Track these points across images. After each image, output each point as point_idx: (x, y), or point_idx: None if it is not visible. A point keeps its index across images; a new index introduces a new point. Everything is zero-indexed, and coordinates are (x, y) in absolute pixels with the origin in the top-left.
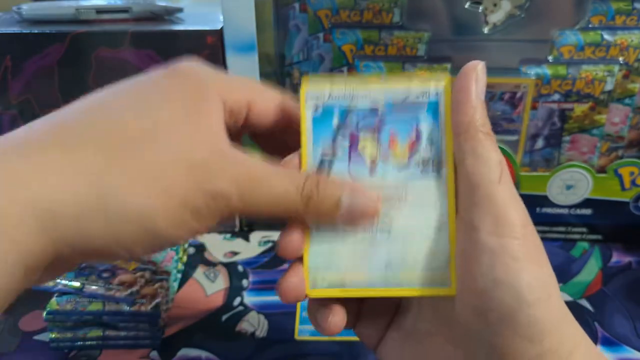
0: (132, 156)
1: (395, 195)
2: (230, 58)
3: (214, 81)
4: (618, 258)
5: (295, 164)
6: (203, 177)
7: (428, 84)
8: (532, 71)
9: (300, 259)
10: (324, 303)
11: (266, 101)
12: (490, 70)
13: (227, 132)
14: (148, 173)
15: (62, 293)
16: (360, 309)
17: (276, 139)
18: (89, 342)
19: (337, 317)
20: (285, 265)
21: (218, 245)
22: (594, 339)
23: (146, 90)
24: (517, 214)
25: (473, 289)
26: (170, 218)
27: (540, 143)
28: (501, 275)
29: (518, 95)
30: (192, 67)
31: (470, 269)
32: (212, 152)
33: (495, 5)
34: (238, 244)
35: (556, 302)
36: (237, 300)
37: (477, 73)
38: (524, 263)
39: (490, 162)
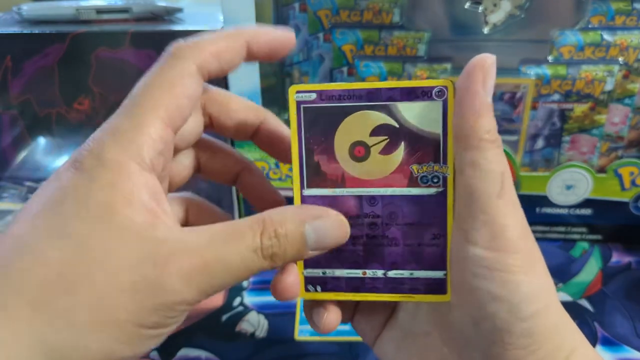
0: (66, 301)
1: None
2: None
3: (122, 155)
4: (618, 258)
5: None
6: (148, 293)
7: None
8: (532, 71)
9: None
10: (320, 302)
11: (179, 117)
12: None
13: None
14: (89, 314)
15: None
16: (357, 305)
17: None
18: None
19: (332, 315)
20: None
21: None
22: (594, 339)
23: (63, 203)
24: (514, 228)
25: (469, 301)
26: (132, 342)
27: (540, 143)
28: (497, 290)
29: (518, 95)
30: (94, 152)
31: (467, 281)
32: (145, 257)
33: (495, 5)
34: None
35: (554, 310)
36: (237, 300)
37: (485, 70)
38: (520, 276)
39: (491, 174)
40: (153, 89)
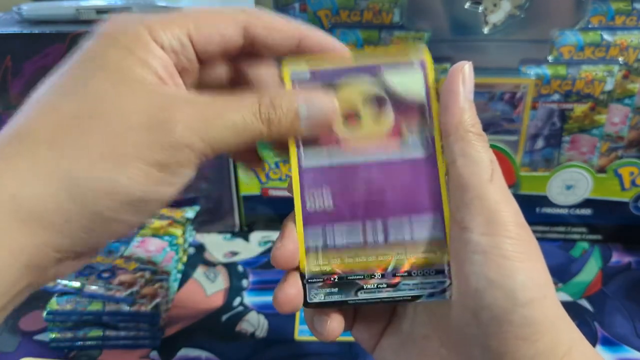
0: (81, 139)
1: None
2: None
3: (142, 28)
4: (618, 258)
5: None
6: (156, 132)
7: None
8: (532, 71)
9: (295, 268)
10: (322, 309)
11: (208, 25)
12: (490, 70)
13: (183, 74)
14: (101, 148)
15: (62, 293)
16: (356, 313)
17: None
18: (89, 342)
19: (335, 323)
20: None
21: (218, 246)
22: (594, 339)
23: (80, 66)
24: (509, 213)
25: (466, 290)
26: (142, 180)
27: (540, 143)
28: (494, 275)
29: (518, 95)
30: (117, 23)
31: (464, 269)
32: (154, 105)
33: (495, 5)
34: (238, 244)
35: (551, 302)
36: (237, 301)
37: (464, 74)
38: (517, 262)
39: (481, 162)
40: (205, 12)
